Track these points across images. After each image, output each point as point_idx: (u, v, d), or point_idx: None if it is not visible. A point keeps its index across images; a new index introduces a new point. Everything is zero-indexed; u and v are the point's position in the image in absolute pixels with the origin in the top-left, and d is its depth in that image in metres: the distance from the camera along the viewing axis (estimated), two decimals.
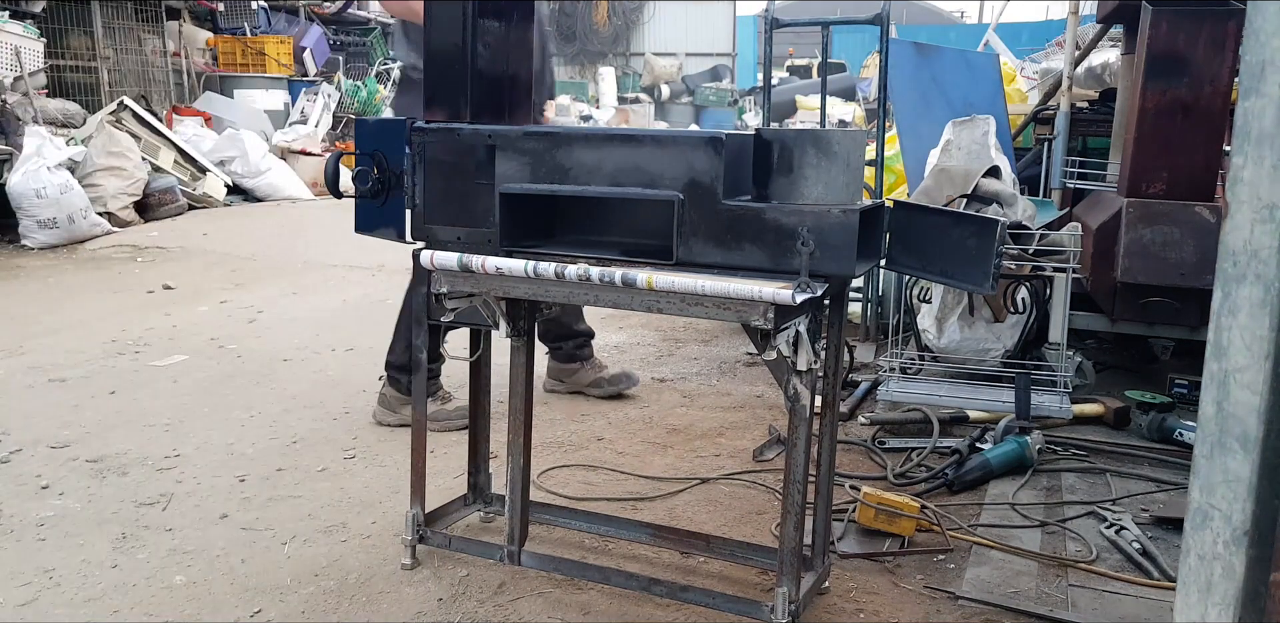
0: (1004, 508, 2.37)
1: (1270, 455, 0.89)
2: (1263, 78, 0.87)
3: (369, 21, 12.92)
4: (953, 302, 3.27)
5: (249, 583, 1.98)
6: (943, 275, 1.78)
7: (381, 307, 4.72)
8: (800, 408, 1.61)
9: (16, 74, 6.76)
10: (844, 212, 1.53)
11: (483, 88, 1.87)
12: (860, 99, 14.82)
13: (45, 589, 1.94)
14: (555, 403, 3.21)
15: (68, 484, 2.47)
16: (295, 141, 9.26)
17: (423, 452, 2.02)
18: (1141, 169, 3.11)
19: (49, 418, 2.96)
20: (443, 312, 1.87)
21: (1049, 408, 2.92)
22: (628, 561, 2.09)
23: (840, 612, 1.89)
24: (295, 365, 3.61)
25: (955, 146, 3.37)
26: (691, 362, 3.79)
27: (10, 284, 5.13)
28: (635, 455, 2.73)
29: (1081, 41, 4.61)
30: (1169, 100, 3.04)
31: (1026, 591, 1.97)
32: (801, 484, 1.64)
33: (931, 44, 4.49)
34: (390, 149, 1.87)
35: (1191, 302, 3.01)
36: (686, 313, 1.60)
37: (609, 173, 1.70)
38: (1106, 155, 4.02)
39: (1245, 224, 0.88)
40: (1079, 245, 3.00)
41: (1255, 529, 0.90)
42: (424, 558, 2.05)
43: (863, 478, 2.54)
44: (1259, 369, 0.88)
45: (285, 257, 6.05)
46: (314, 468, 2.60)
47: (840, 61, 17.16)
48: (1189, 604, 0.95)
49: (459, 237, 1.84)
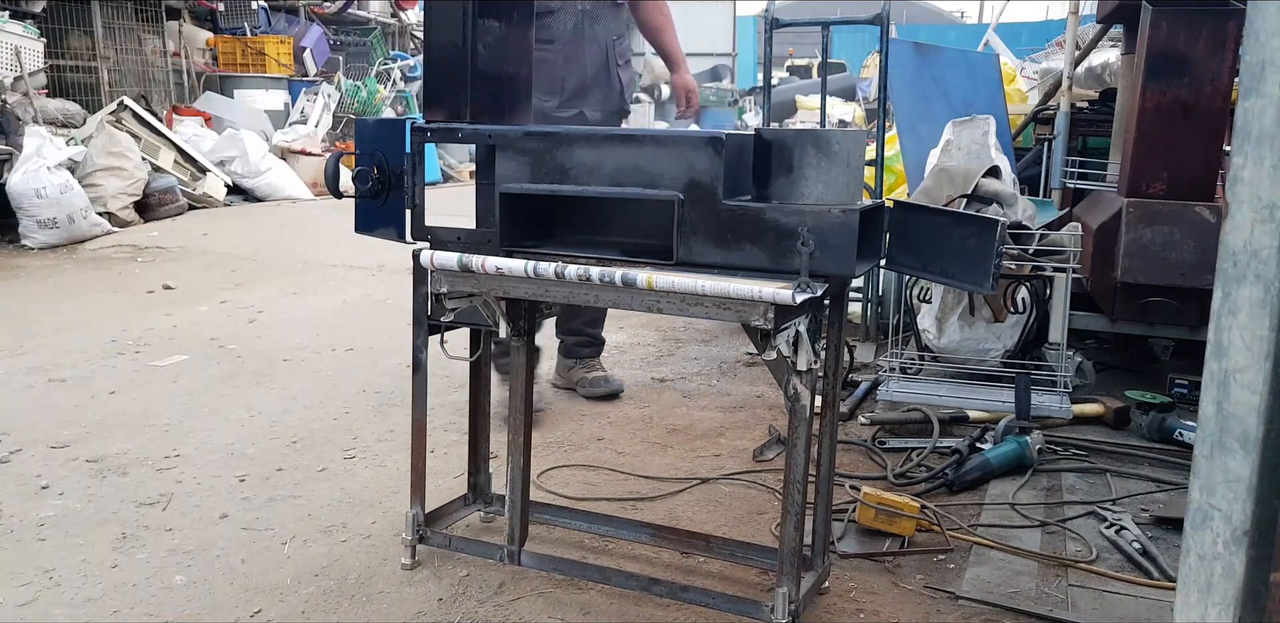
0: (1004, 508, 2.37)
1: (1270, 455, 0.89)
2: (1263, 78, 0.87)
3: (369, 21, 12.92)
4: (953, 302, 3.27)
5: (249, 583, 1.98)
6: (943, 275, 1.78)
7: (381, 307, 4.72)
8: (800, 408, 1.61)
9: (16, 74, 6.76)
10: (844, 212, 1.53)
11: (483, 88, 1.87)
12: (860, 99, 14.83)
13: (45, 589, 1.94)
14: (555, 403, 3.21)
15: (68, 484, 2.47)
16: (295, 142, 9.26)
17: (423, 452, 2.02)
18: (1141, 169, 3.11)
19: (49, 418, 2.96)
20: (443, 312, 1.87)
21: (1049, 408, 2.92)
22: (628, 561, 2.09)
23: (840, 612, 1.89)
24: (295, 365, 3.61)
25: (955, 146, 3.37)
26: (691, 362, 3.79)
27: (10, 284, 5.13)
28: (635, 455, 2.73)
29: (1081, 41, 4.61)
30: (1169, 100, 3.04)
31: (1026, 591, 1.97)
32: (801, 484, 1.64)
33: (931, 44, 4.49)
34: (390, 149, 1.87)
35: (1191, 302, 3.01)
36: (686, 313, 1.60)
37: (609, 173, 1.70)
38: (1106, 155, 4.02)
39: (1245, 224, 0.88)
40: (1079, 245, 3.00)
41: (1255, 529, 0.90)
42: (424, 558, 2.05)
43: (863, 478, 2.54)
44: (1259, 369, 0.88)
45: (285, 257, 6.05)
46: (314, 468, 2.60)
47: (840, 61, 17.17)
48: (1189, 604, 0.95)
49: (459, 237, 1.84)
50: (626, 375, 3.56)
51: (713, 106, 18.43)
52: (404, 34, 13.60)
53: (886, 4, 3.37)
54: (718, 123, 17.62)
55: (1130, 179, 3.14)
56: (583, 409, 3.15)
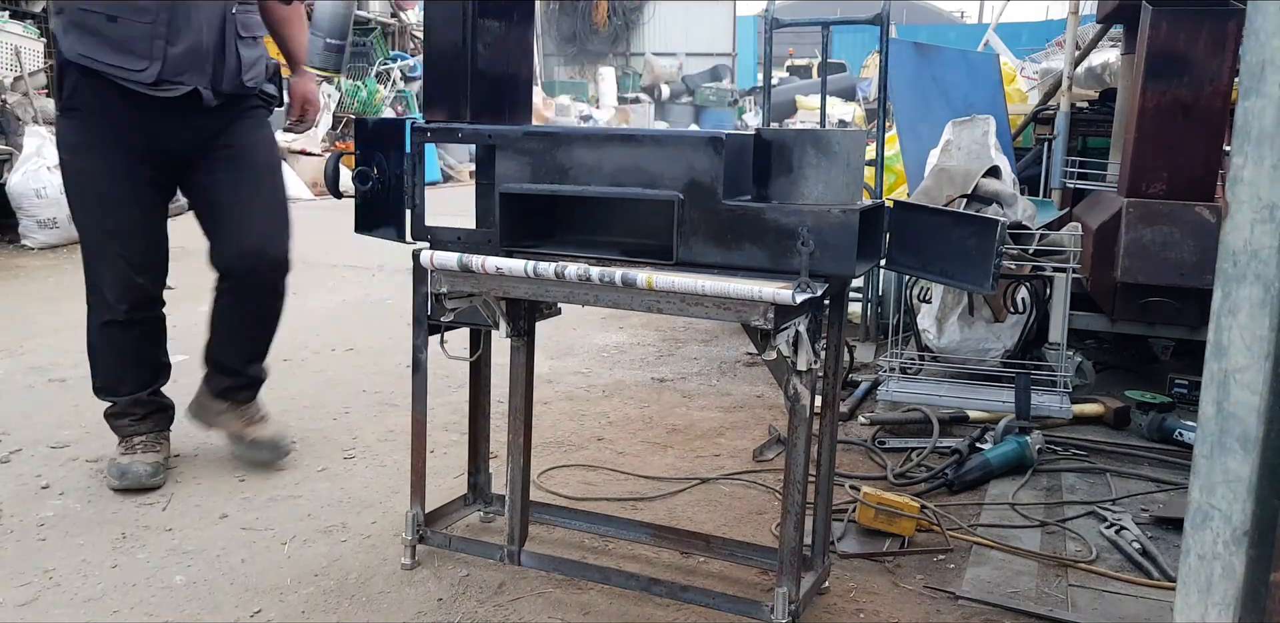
0: (1004, 508, 2.37)
1: (1270, 455, 0.89)
2: (1263, 78, 0.87)
3: (369, 21, 12.92)
4: (953, 302, 3.27)
5: (249, 583, 1.98)
6: (943, 275, 1.78)
7: (381, 307, 4.72)
8: (800, 408, 1.61)
9: (16, 74, 6.75)
10: (844, 212, 1.53)
11: (483, 88, 1.87)
12: (860, 99, 14.83)
13: (45, 589, 1.94)
14: (555, 403, 3.21)
15: (68, 484, 2.47)
16: (295, 142, 9.26)
17: (423, 452, 2.02)
18: (1141, 169, 3.11)
19: (49, 418, 2.96)
20: (443, 312, 1.87)
21: (1049, 408, 2.92)
22: (628, 561, 2.09)
23: (840, 612, 1.89)
24: (295, 366, 3.61)
25: (955, 146, 3.37)
26: (691, 362, 3.79)
27: (10, 284, 5.13)
28: (635, 455, 2.73)
29: (1081, 41, 4.61)
30: (1169, 100, 3.04)
31: (1026, 591, 1.97)
32: (801, 484, 1.64)
33: (931, 44, 4.49)
34: (390, 149, 1.87)
35: (1191, 302, 3.01)
36: (686, 313, 1.60)
37: (609, 173, 1.70)
38: (1106, 155, 4.02)
39: (1245, 224, 0.88)
40: (1079, 245, 3.00)
41: (1255, 529, 0.90)
42: (424, 558, 2.05)
43: (863, 478, 2.54)
44: (1259, 369, 0.88)
45: None
46: (314, 468, 2.60)
47: (840, 61, 17.17)
48: (1189, 604, 0.95)
49: (459, 237, 1.84)
50: (626, 375, 3.56)
51: (713, 106, 18.45)
52: (404, 34, 13.60)
53: (886, 4, 3.37)
54: (718, 123, 17.63)
55: (1130, 179, 3.14)
56: (583, 409, 3.15)
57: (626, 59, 20.83)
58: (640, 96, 18.49)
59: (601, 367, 3.70)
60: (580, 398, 3.27)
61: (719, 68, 20.04)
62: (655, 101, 18.54)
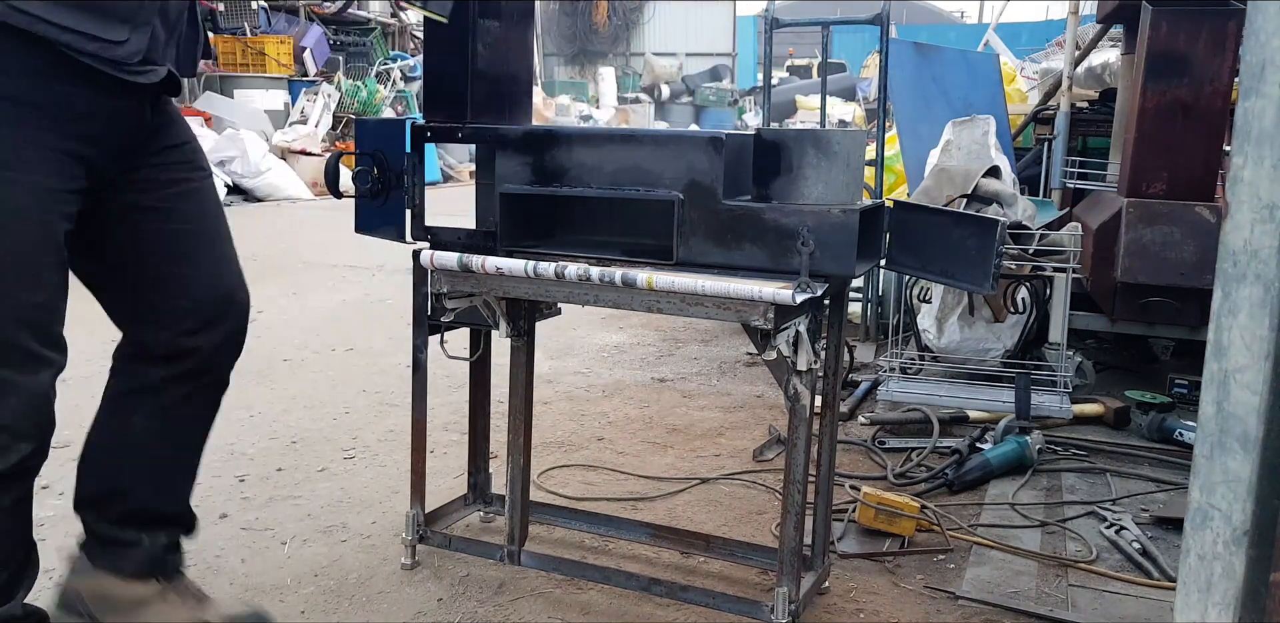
0: (1004, 508, 2.37)
1: (1270, 455, 0.89)
2: (1263, 78, 0.87)
3: (369, 21, 12.92)
4: (953, 302, 3.27)
5: (249, 583, 1.98)
6: (943, 275, 1.78)
7: (381, 307, 4.72)
8: (800, 408, 1.61)
9: None
10: (844, 212, 1.54)
11: (483, 88, 1.87)
12: (860, 99, 14.82)
13: (45, 589, 1.94)
14: (555, 403, 3.21)
15: (67, 484, 2.46)
16: (295, 142, 9.27)
17: (423, 452, 2.02)
18: (1141, 169, 3.11)
19: None
20: (443, 312, 1.87)
21: (1049, 408, 2.92)
22: (628, 561, 2.09)
23: (840, 612, 1.89)
24: (295, 365, 3.61)
25: (955, 146, 3.37)
26: (691, 362, 3.79)
27: None
28: (635, 455, 2.73)
29: (1081, 41, 4.61)
30: (1169, 100, 3.04)
31: (1026, 591, 1.97)
32: (801, 484, 1.64)
33: (931, 44, 4.49)
34: (390, 149, 1.87)
35: (1191, 302, 3.01)
36: (686, 313, 1.60)
37: (609, 173, 1.70)
38: (1106, 155, 4.02)
39: (1245, 224, 0.88)
40: (1079, 245, 3.00)
41: (1255, 529, 0.90)
42: (424, 558, 2.05)
43: (863, 478, 2.54)
44: (1259, 369, 0.88)
45: (285, 257, 6.04)
46: (314, 468, 2.60)
47: (840, 61, 17.16)
48: (1189, 604, 0.95)
49: (459, 237, 1.84)
50: (626, 375, 3.56)
51: (713, 106, 18.44)
52: (404, 34, 13.62)
53: (886, 4, 3.37)
54: (718, 123, 17.63)
55: (1130, 179, 3.14)
56: (583, 409, 3.15)
57: (626, 59, 20.84)
58: (640, 96, 18.49)
59: (601, 367, 3.70)
60: (580, 398, 3.27)
61: (719, 68, 20.04)
62: (655, 101, 18.53)
